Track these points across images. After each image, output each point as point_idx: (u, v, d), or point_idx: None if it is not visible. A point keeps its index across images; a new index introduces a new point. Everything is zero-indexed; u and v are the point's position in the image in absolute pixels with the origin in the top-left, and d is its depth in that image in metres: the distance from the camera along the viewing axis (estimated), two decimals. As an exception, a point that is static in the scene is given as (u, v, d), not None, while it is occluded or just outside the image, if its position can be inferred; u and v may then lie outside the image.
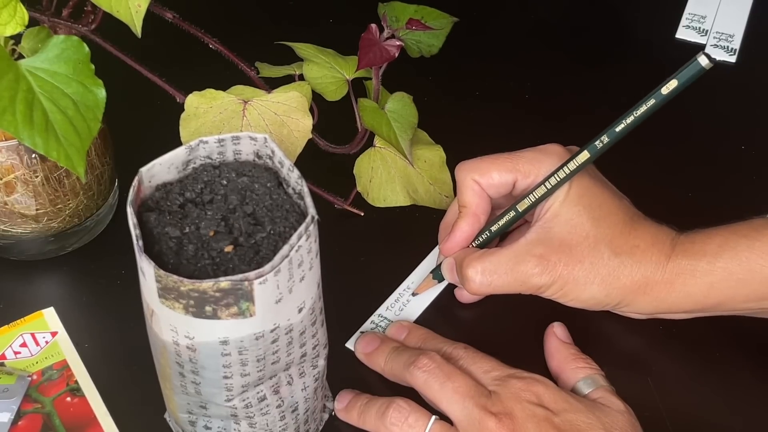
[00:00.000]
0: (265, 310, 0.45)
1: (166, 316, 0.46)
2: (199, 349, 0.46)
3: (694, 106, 0.79)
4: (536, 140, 0.62)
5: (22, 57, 0.56)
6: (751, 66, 0.85)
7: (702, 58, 0.52)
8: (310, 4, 0.91)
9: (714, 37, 0.88)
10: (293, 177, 0.48)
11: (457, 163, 0.63)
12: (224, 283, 0.43)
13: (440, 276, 0.64)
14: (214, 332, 0.45)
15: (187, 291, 0.43)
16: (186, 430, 0.54)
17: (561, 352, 0.60)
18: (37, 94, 0.53)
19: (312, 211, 0.46)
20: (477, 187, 0.61)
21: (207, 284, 0.43)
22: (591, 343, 0.61)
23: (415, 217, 0.70)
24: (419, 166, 0.69)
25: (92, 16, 0.61)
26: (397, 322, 0.63)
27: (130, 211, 0.45)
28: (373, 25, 0.63)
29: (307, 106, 0.62)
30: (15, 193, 0.62)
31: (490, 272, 0.59)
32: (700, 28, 0.88)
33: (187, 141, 0.52)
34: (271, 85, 0.66)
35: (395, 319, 0.64)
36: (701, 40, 0.87)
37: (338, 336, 0.62)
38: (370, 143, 0.68)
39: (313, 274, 0.47)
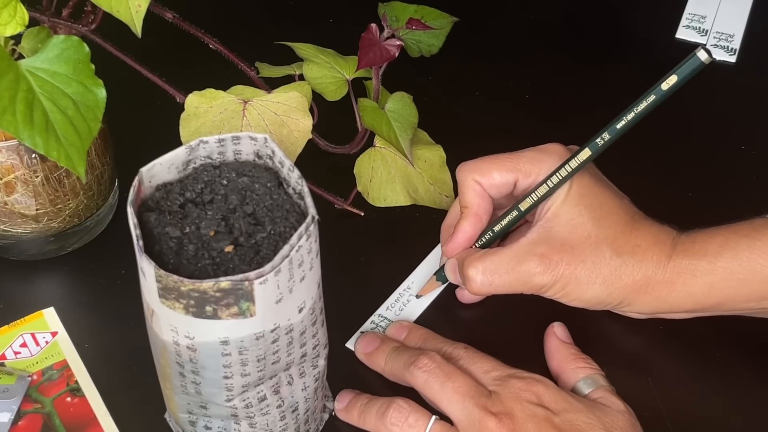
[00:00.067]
0: (266, 310, 0.45)
1: (166, 316, 0.45)
2: (200, 349, 0.46)
3: (694, 106, 0.79)
4: (536, 140, 0.62)
5: (22, 57, 0.56)
6: (751, 66, 0.85)
7: (701, 52, 0.52)
8: (310, 4, 0.91)
9: (714, 37, 0.88)
10: (293, 177, 0.48)
11: (458, 163, 0.63)
12: (224, 283, 0.43)
13: (444, 277, 0.64)
14: (215, 332, 0.45)
15: (187, 291, 0.43)
16: (186, 430, 0.54)
17: (561, 352, 0.60)
18: (37, 94, 0.53)
19: (312, 211, 0.46)
20: (478, 187, 0.61)
21: (207, 284, 0.43)
22: (591, 343, 0.61)
23: (415, 217, 0.70)
24: (419, 166, 0.69)
25: (92, 16, 0.61)
26: (397, 322, 0.63)
27: (130, 211, 0.45)
28: (373, 25, 0.63)
29: (307, 106, 0.62)
30: (15, 193, 0.62)
31: (491, 272, 0.59)
32: (700, 28, 0.88)
33: (187, 141, 0.52)
34: (271, 85, 0.66)
35: (395, 319, 0.64)
36: (701, 40, 0.87)
37: (338, 336, 0.62)
38: (370, 143, 0.68)
39: (314, 274, 0.47)
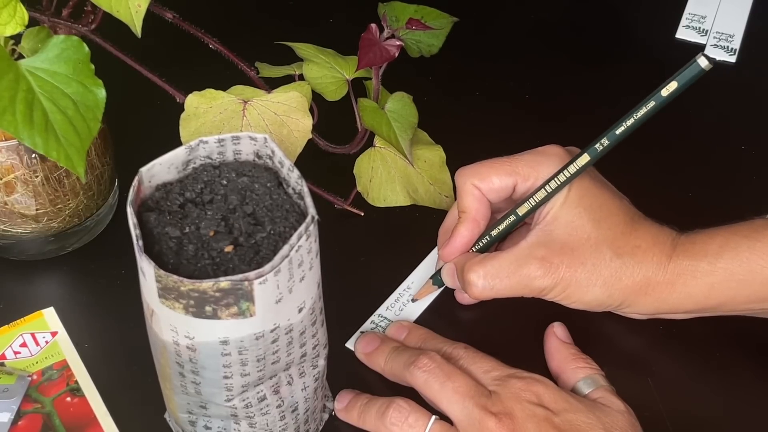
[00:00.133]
0: (265, 310, 0.45)
1: (166, 316, 0.45)
2: (199, 349, 0.46)
3: (694, 106, 0.78)
4: (536, 140, 0.62)
5: (22, 57, 0.56)
6: (751, 66, 0.85)
7: (701, 59, 0.52)
8: (310, 4, 0.90)
9: (714, 37, 0.87)
10: (293, 177, 0.48)
11: (458, 163, 0.63)
12: (224, 283, 0.43)
13: (440, 281, 0.64)
14: (214, 332, 0.45)
15: (187, 291, 0.43)
16: (186, 430, 0.54)
17: (561, 352, 0.60)
18: (37, 94, 0.53)
19: (312, 211, 0.46)
20: (477, 192, 0.61)
21: (207, 284, 0.43)
22: (591, 343, 0.61)
23: (415, 217, 0.70)
24: (419, 166, 0.69)
25: (92, 16, 0.61)
26: (397, 322, 0.63)
27: (130, 211, 0.45)
28: (373, 25, 0.63)
29: (307, 106, 0.62)
30: (15, 193, 0.62)
31: (492, 276, 0.59)
32: (700, 28, 0.88)
33: (187, 141, 0.52)
34: (271, 85, 0.66)
35: (395, 319, 0.64)
36: (701, 40, 0.87)
37: (338, 336, 0.62)
38: (370, 143, 0.68)
39: (313, 274, 0.47)
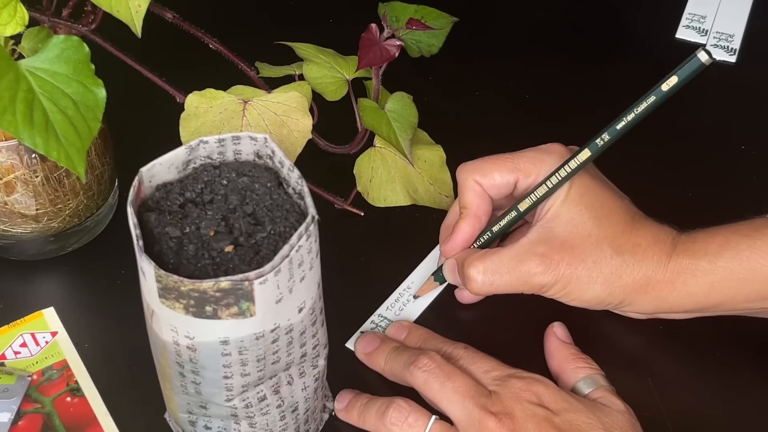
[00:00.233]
0: (266, 310, 0.45)
1: (166, 316, 0.45)
2: (200, 349, 0.46)
3: (694, 106, 0.78)
4: (536, 140, 0.62)
5: (22, 57, 0.56)
6: (751, 66, 0.85)
7: (702, 53, 0.52)
8: (310, 4, 0.91)
9: (714, 37, 0.88)
10: (293, 177, 0.48)
11: (458, 163, 0.63)
12: (224, 283, 0.43)
13: (441, 278, 0.64)
14: (215, 332, 0.45)
15: (187, 291, 0.43)
16: (186, 430, 0.54)
17: (561, 352, 0.60)
18: (37, 94, 0.53)
19: (312, 211, 0.46)
20: (478, 188, 0.61)
21: (207, 284, 0.43)
22: (591, 343, 0.61)
23: (415, 217, 0.70)
24: (419, 166, 0.69)
25: (92, 16, 0.61)
26: (397, 322, 0.63)
27: (130, 211, 0.45)
28: (373, 25, 0.63)
29: (307, 106, 0.62)
30: (15, 193, 0.62)
31: (492, 272, 0.59)
32: (700, 28, 0.88)
33: (187, 141, 0.52)
34: (271, 85, 0.66)
35: (395, 319, 0.64)
36: (701, 40, 0.87)
37: (338, 336, 0.62)
38: (370, 143, 0.68)
39: (314, 274, 0.47)
